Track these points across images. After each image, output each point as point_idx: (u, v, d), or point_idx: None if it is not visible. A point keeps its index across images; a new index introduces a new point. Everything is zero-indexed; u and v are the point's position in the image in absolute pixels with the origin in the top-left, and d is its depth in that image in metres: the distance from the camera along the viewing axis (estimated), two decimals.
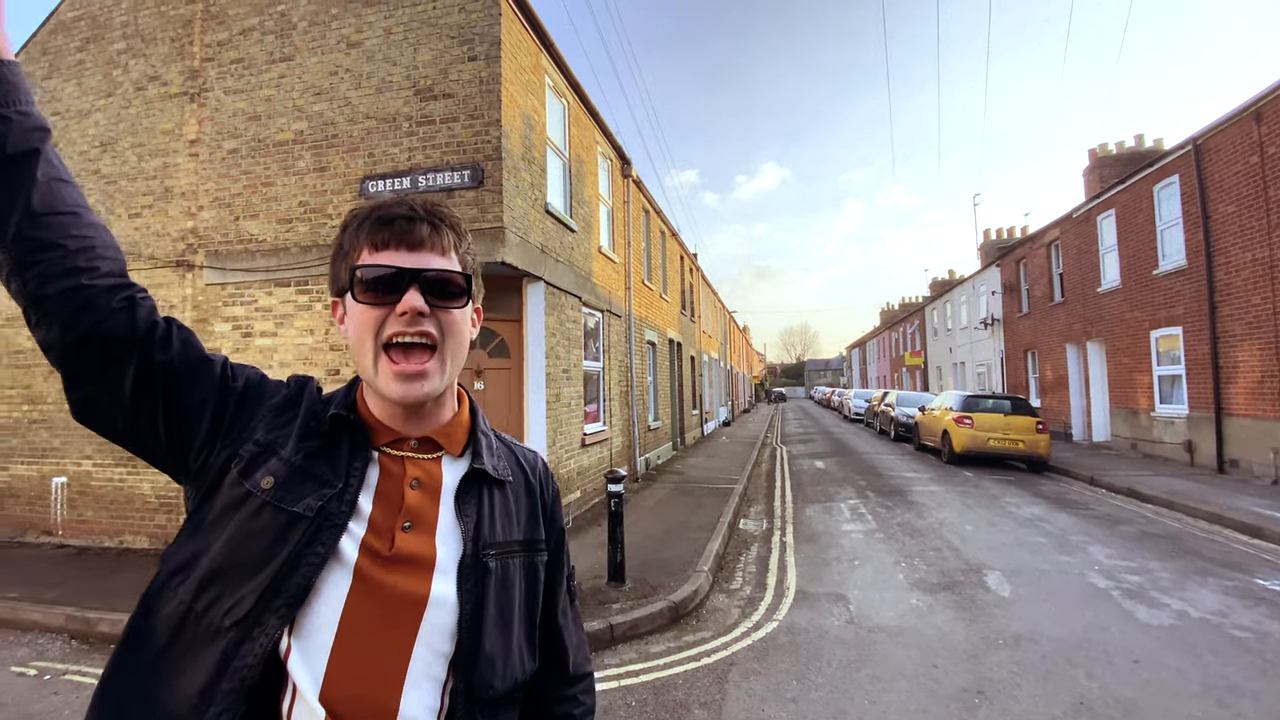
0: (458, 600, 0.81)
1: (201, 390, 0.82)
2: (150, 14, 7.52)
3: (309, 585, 0.75)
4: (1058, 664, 3.81)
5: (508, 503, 0.92)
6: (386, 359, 0.82)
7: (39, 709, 3.66)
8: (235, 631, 0.72)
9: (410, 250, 0.83)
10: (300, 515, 0.77)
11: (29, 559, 6.81)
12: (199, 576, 0.76)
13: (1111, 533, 7.11)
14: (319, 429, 0.84)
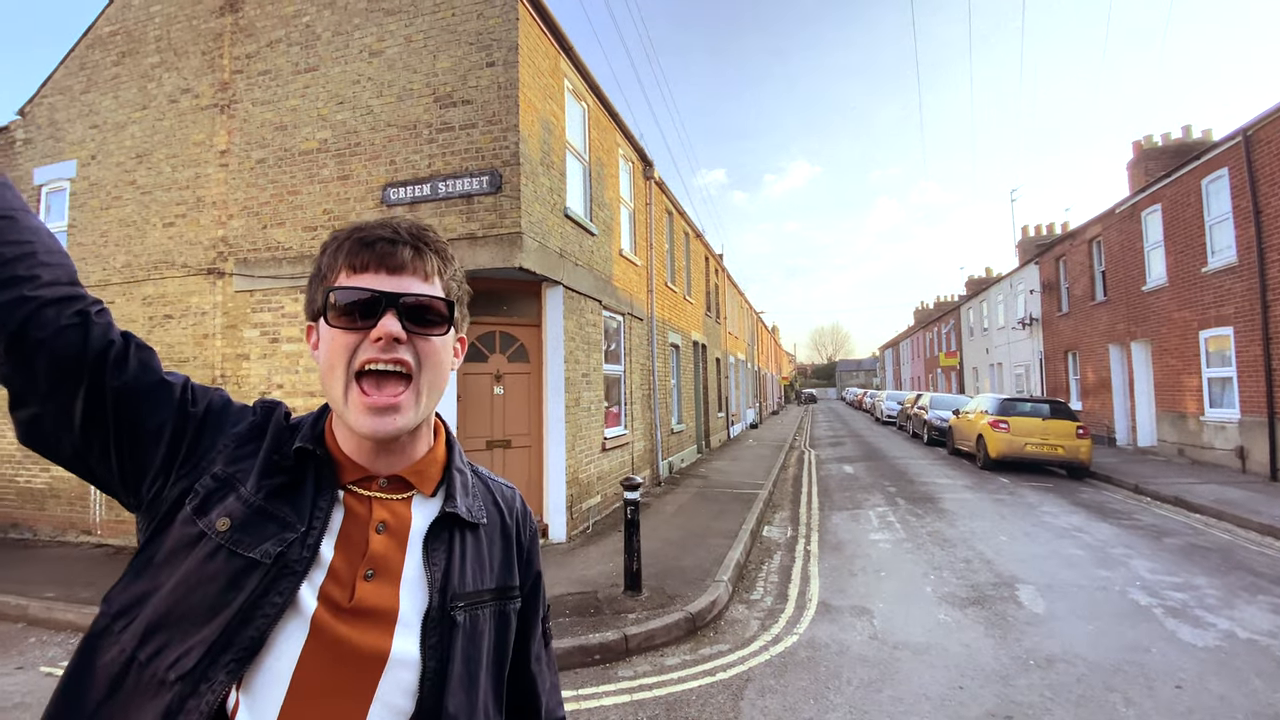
0: (420, 657, 0.75)
1: (159, 415, 0.77)
2: (182, 28, 7.73)
3: (263, 639, 0.69)
4: (1093, 688, 3.61)
5: (480, 548, 0.86)
6: (358, 389, 0.76)
7: None
8: (180, 686, 0.66)
9: (390, 274, 0.79)
10: (257, 562, 0.71)
11: (68, 558, 7.05)
12: (144, 622, 0.69)
13: (1156, 545, 6.76)
14: (282, 463, 0.78)
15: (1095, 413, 16.78)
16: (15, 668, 4.44)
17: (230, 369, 7.06)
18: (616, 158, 9.85)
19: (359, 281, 0.78)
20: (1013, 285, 24.22)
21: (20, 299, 0.70)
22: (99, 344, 0.74)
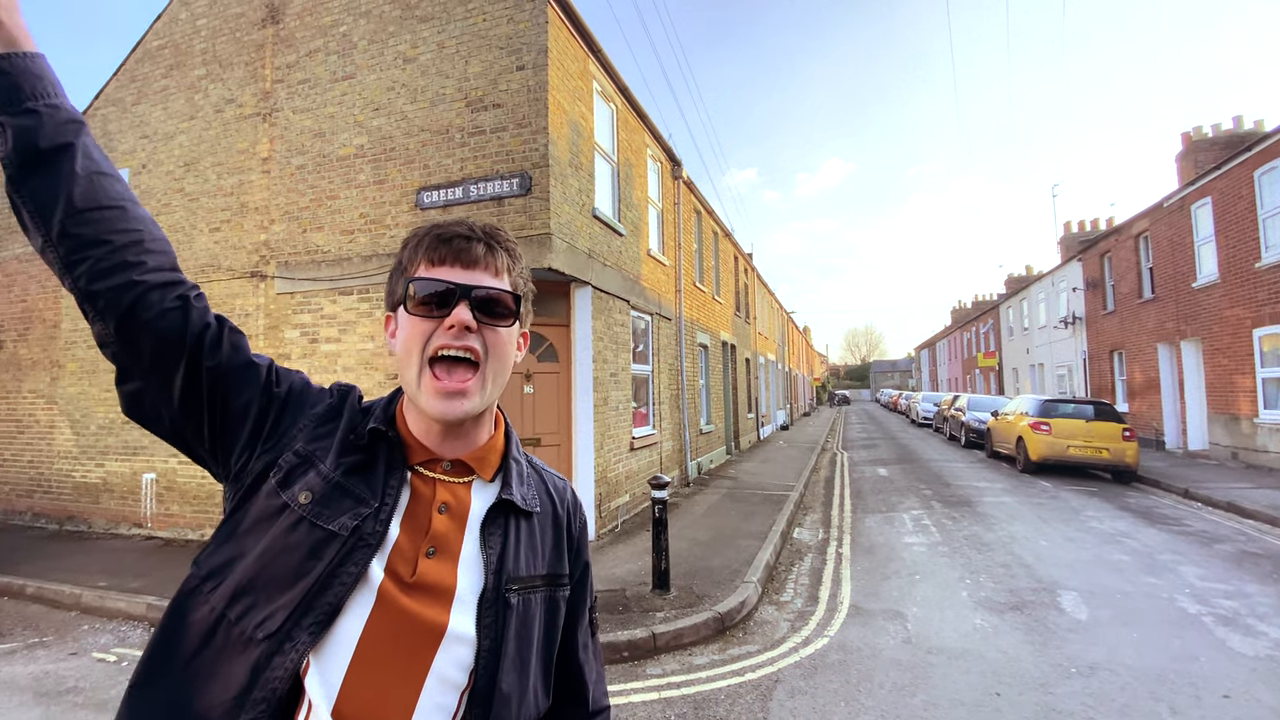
0: (476, 635, 0.79)
1: (246, 394, 0.83)
2: (226, 40, 8.02)
3: (340, 606, 0.74)
4: (1138, 696, 3.48)
5: (533, 535, 0.90)
6: (430, 373, 0.82)
7: (114, 696, 3.92)
8: (268, 644, 0.72)
9: (465, 268, 0.85)
10: (335, 534, 0.77)
11: (121, 550, 7.37)
12: (233, 584, 0.75)
13: (1206, 552, 6.49)
14: (357, 443, 0.84)
15: (1143, 415, 16.15)
16: (69, 653, 4.66)
17: None
18: (644, 158, 9.87)
19: (436, 274, 0.84)
20: (1055, 283, 23.49)
21: (129, 283, 0.77)
22: (197, 326, 0.81)
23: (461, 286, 0.83)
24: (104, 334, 0.79)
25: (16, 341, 9.55)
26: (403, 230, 6.71)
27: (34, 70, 0.75)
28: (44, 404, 9.15)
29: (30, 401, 9.30)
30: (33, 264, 9.52)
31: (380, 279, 6.74)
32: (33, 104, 0.74)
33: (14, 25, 0.75)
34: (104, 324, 0.78)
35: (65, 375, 8.90)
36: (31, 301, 9.45)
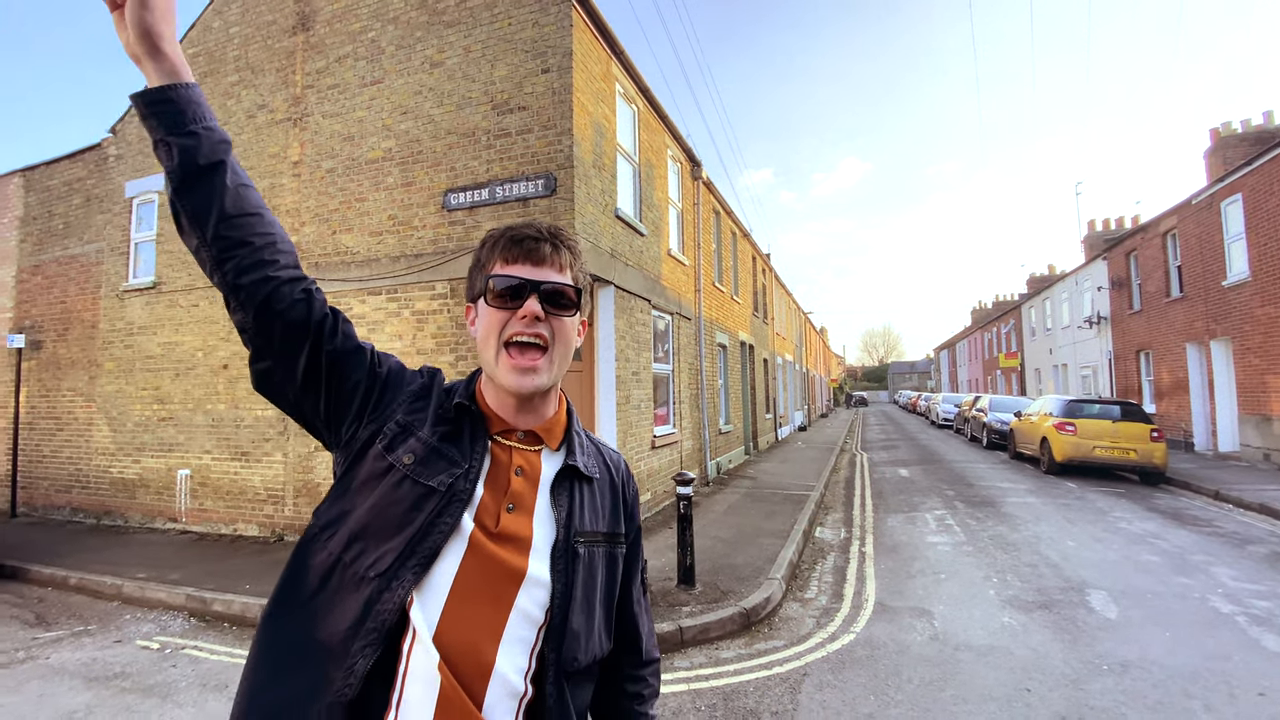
0: (550, 578, 0.91)
1: (356, 374, 0.96)
2: (258, 48, 8.22)
3: (438, 550, 0.86)
4: (1171, 694, 3.46)
5: (594, 497, 1.02)
6: (506, 354, 0.94)
7: (158, 680, 4.06)
8: (378, 582, 0.85)
9: (534, 265, 0.97)
10: (434, 489, 0.89)
11: (158, 543, 7.58)
12: (347, 532, 0.89)
13: (1239, 553, 6.38)
14: (447, 415, 0.97)
15: (1171, 416, 15.86)
16: (114, 641, 4.82)
17: None
18: (665, 158, 9.93)
19: (510, 271, 0.96)
20: (1079, 282, 23.14)
21: (265, 278, 0.90)
22: (319, 315, 0.94)
23: (531, 282, 0.95)
24: (243, 321, 0.91)
25: (56, 341, 9.85)
26: (430, 231, 6.84)
27: (193, 98, 0.87)
28: (82, 402, 9.43)
29: (69, 399, 9.59)
30: (71, 266, 9.82)
31: (409, 279, 6.87)
32: (193, 127, 0.86)
33: (176, 57, 0.87)
34: (244, 313, 0.90)
35: (103, 374, 9.17)
36: (71, 302, 9.75)
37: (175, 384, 8.44)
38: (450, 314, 6.69)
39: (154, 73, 0.86)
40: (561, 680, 0.89)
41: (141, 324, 8.84)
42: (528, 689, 0.87)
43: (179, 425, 8.37)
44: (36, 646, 4.71)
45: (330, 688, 0.82)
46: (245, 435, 7.83)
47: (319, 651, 0.84)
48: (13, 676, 4.15)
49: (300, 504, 7.37)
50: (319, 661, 0.83)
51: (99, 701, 3.74)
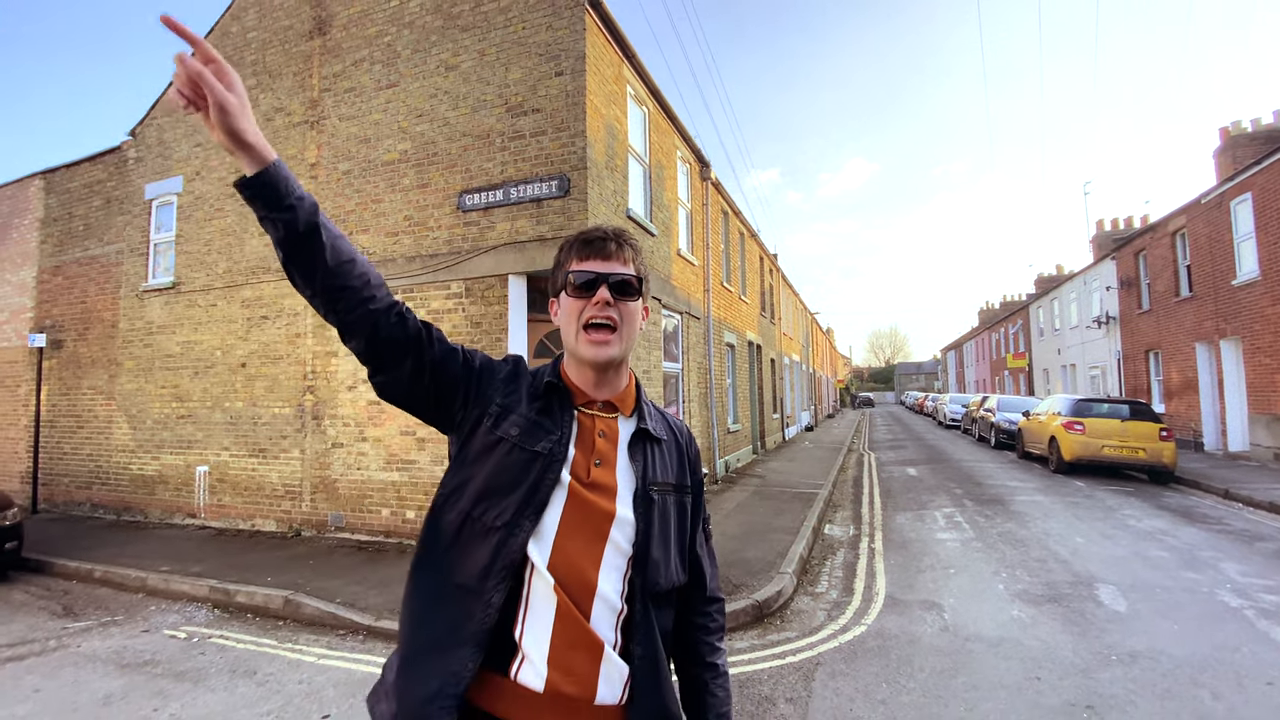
0: (634, 519, 1.12)
1: (453, 371, 1.15)
2: (276, 52, 8.37)
3: (547, 500, 1.08)
4: (1179, 683, 3.53)
5: (663, 455, 1.22)
6: (584, 334, 1.15)
7: (189, 667, 4.18)
8: (503, 530, 1.07)
9: (604, 261, 1.17)
10: (539, 453, 1.11)
11: (178, 538, 7.72)
12: (473, 493, 1.10)
13: (1248, 549, 6.42)
14: (538, 393, 1.17)
15: (1180, 416, 15.82)
16: (141, 630, 4.95)
17: (320, 365, 7.60)
18: (675, 160, 10.03)
19: (584, 267, 1.17)
20: (1087, 282, 23.08)
21: (369, 313, 1.07)
22: (413, 331, 1.12)
23: (602, 275, 1.16)
24: (358, 348, 1.10)
25: (76, 340, 10.03)
26: (445, 231, 6.96)
27: (282, 175, 0.99)
28: (103, 399, 9.60)
29: (89, 397, 9.77)
30: (91, 267, 10.01)
31: (424, 279, 6.99)
32: (289, 200, 0.99)
33: (259, 144, 0.98)
34: (357, 341, 1.09)
35: (123, 372, 9.34)
36: (91, 303, 9.93)
37: (194, 382, 8.59)
38: (465, 313, 6.80)
39: (246, 163, 0.98)
40: (647, 600, 1.10)
41: (161, 323, 9.00)
42: (623, 607, 1.09)
43: (198, 423, 8.52)
44: (66, 636, 4.84)
45: (473, 620, 1.04)
46: (263, 432, 7.96)
47: (459, 591, 1.06)
48: (46, 664, 4.28)
49: (318, 500, 7.51)
50: (460, 599, 1.06)
51: (133, 686, 3.86)
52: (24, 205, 11.18)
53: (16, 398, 10.71)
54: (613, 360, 1.16)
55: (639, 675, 1.08)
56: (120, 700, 3.67)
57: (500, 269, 6.62)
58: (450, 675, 1.01)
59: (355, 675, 3.95)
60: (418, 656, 1.05)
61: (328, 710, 3.48)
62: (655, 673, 1.09)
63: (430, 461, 6.87)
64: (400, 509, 6.97)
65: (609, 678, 1.05)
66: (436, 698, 1.00)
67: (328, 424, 7.50)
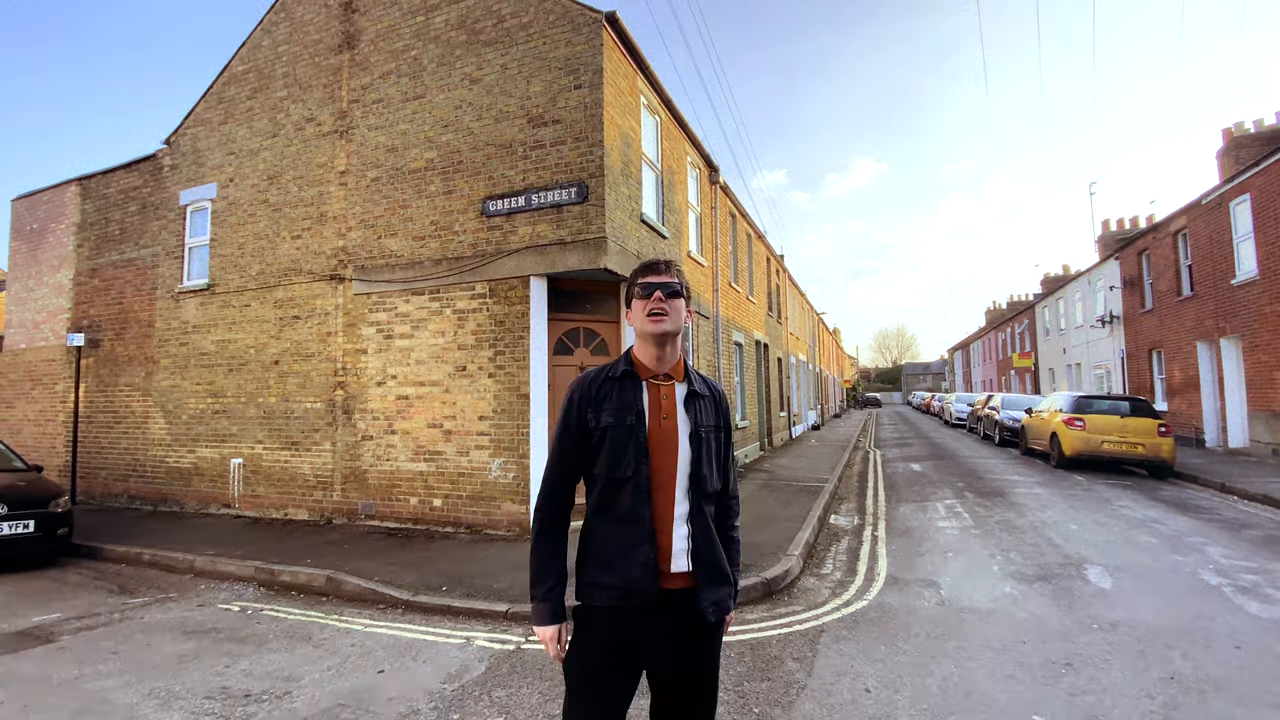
0: (691, 448, 1.70)
1: (583, 445, 1.76)
2: (306, 65, 8.81)
3: (645, 447, 1.67)
4: (1153, 646, 3.87)
5: (707, 407, 1.79)
6: (649, 319, 1.70)
7: (249, 633, 4.59)
8: (634, 477, 1.66)
9: (657, 276, 1.74)
10: (630, 424, 1.68)
11: (216, 526, 8.16)
12: (604, 463, 1.68)
13: (1234, 536, 6.73)
14: (615, 378, 1.74)
15: (1183, 413, 16.06)
16: (197, 605, 5.37)
17: (350, 362, 8.02)
18: (685, 165, 10.41)
19: (646, 279, 1.74)
20: (1092, 282, 23.29)
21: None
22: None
23: (658, 284, 1.72)
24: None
25: (114, 340, 10.51)
26: (470, 235, 7.37)
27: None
28: (139, 396, 10.07)
29: (126, 394, 10.24)
30: (127, 269, 10.48)
31: (450, 281, 7.40)
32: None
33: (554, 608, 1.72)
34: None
35: (159, 370, 9.80)
36: (128, 303, 10.41)
37: (228, 379, 9.03)
38: (489, 312, 7.20)
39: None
40: (699, 499, 1.70)
41: (196, 323, 9.46)
42: (687, 501, 1.69)
43: (232, 417, 8.96)
44: (128, 610, 5.27)
45: (641, 530, 1.64)
46: (295, 426, 8.39)
47: (626, 519, 1.66)
48: (117, 632, 4.70)
49: (348, 489, 7.93)
50: (625, 523, 1.66)
51: (201, 648, 4.28)
52: (60, 210, 11.68)
53: (54, 395, 11.20)
54: (667, 333, 1.69)
55: (697, 543, 1.68)
56: (193, 659, 4.08)
57: (522, 271, 7.02)
58: (647, 560, 1.63)
59: (401, 640, 4.35)
60: (619, 554, 1.64)
61: (381, 666, 3.88)
62: (709, 542, 1.70)
63: (456, 453, 7.27)
64: (428, 498, 7.38)
65: (679, 551, 1.67)
66: (646, 569, 1.62)
67: (358, 418, 7.92)
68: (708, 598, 1.67)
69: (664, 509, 1.65)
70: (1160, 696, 3.24)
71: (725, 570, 1.72)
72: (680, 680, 1.70)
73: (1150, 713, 3.08)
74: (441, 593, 5.21)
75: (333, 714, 3.27)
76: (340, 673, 3.80)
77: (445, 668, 3.83)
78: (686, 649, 1.68)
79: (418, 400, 7.51)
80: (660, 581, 1.63)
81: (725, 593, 1.72)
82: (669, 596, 1.65)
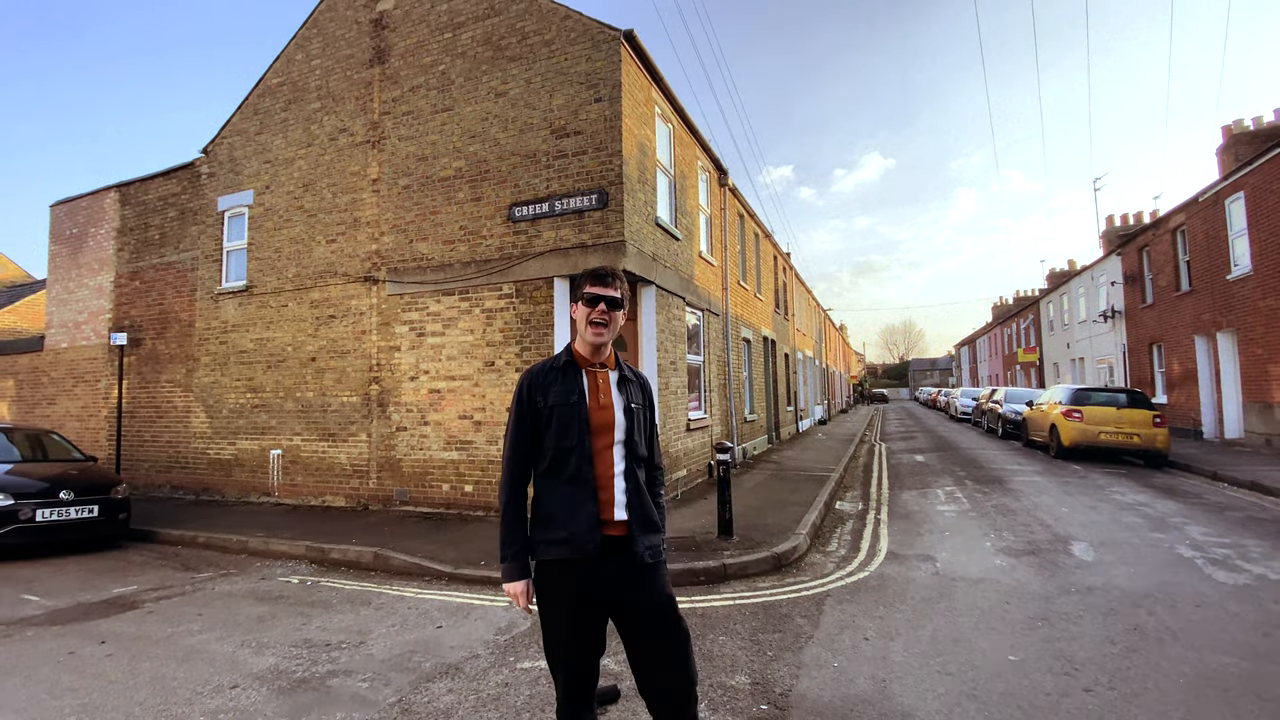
0: (625, 420, 2.04)
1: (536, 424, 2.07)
2: (339, 78, 9.34)
3: (586, 421, 1.99)
4: (1123, 605, 4.35)
5: (635, 390, 2.13)
6: (590, 328, 2.01)
7: (315, 599, 5.13)
8: (578, 446, 1.97)
9: (604, 287, 2.02)
10: (572, 402, 2.00)
11: (259, 512, 8.73)
12: (553, 438, 1.98)
13: (1215, 517, 7.18)
14: (558, 368, 2.05)
15: (1181, 406, 16.43)
16: (259, 579, 5.91)
17: (384, 359, 8.56)
18: (696, 169, 10.89)
19: (593, 289, 2.02)
20: (1094, 277, 23.62)
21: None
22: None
23: (601, 295, 2.01)
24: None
25: (155, 339, 11.10)
26: (497, 240, 7.89)
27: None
28: (180, 392, 10.66)
29: (168, 390, 10.84)
30: (167, 272, 11.07)
31: (478, 282, 7.92)
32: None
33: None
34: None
35: (200, 367, 10.38)
36: (168, 304, 10.99)
37: (267, 375, 9.60)
38: (515, 311, 7.72)
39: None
40: (632, 462, 2.04)
41: (235, 322, 10.02)
42: (623, 462, 2.02)
43: (270, 411, 9.53)
44: (198, 582, 5.82)
45: (585, 489, 1.95)
46: (332, 419, 8.95)
47: (572, 480, 1.96)
48: (195, 600, 5.25)
49: (384, 477, 8.48)
50: (571, 483, 1.96)
51: (276, 610, 4.82)
52: (100, 216, 12.28)
53: (97, 391, 11.82)
54: (604, 344, 2.05)
55: (630, 496, 2.00)
56: (271, 619, 4.62)
57: (546, 272, 7.53)
58: (591, 513, 1.94)
59: (451, 604, 4.88)
60: (566, 512, 1.94)
61: (439, 623, 4.41)
62: (640, 496, 2.03)
63: (485, 442, 7.80)
64: (459, 484, 7.92)
65: (619, 503, 1.98)
66: (590, 521, 1.93)
67: (392, 410, 8.46)
68: (642, 543, 1.97)
69: (604, 470, 1.95)
70: (1122, 642, 3.72)
71: (655, 521, 2.04)
72: (642, 616, 1.96)
73: (1111, 654, 3.56)
74: (481, 566, 5.74)
75: (406, 657, 3.80)
76: (404, 628, 4.34)
77: (495, 624, 4.36)
78: (636, 584, 1.95)
79: (449, 393, 8.05)
80: (604, 529, 1.92)
81: (657, 539, 2.04)
82: (613, 543, 1.93)
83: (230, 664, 3.77)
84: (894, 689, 3.20)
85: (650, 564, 1.97)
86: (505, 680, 3.42)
